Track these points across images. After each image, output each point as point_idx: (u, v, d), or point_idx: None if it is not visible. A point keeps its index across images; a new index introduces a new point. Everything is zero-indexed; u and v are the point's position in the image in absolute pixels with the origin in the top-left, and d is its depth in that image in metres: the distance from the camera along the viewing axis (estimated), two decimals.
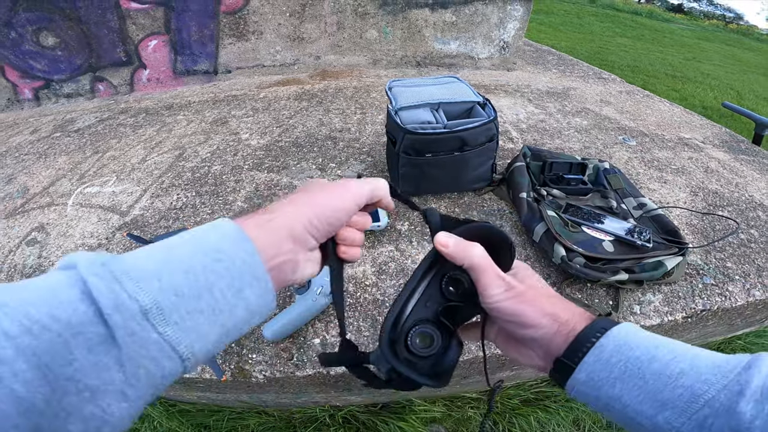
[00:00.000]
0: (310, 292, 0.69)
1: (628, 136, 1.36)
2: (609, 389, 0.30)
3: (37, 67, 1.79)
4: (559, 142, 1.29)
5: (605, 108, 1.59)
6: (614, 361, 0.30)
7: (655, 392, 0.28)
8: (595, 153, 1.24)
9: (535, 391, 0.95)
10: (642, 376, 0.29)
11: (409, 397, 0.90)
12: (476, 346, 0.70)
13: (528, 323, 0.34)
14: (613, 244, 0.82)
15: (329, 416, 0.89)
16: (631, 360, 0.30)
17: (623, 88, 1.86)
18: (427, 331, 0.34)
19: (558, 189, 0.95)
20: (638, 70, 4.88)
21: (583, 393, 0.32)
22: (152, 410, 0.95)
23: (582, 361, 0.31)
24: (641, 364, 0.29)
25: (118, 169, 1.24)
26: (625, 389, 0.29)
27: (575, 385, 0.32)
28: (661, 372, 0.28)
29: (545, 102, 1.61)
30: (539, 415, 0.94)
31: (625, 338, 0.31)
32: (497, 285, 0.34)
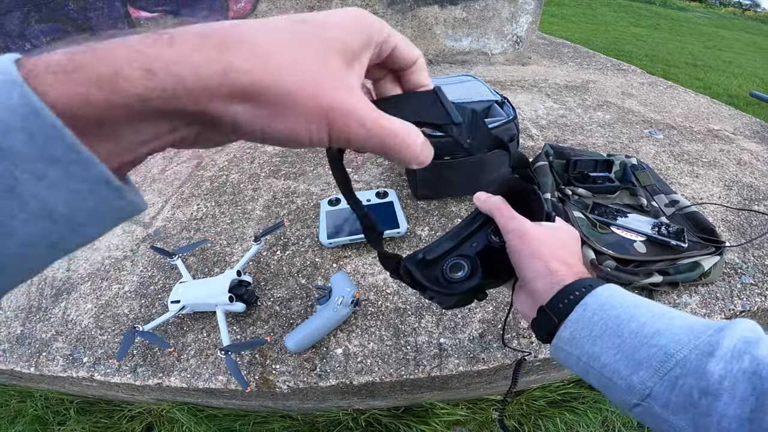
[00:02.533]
0: (331, 303, 0.68)
1: (655, 129, 1.31)
2: (590, 347, 0.30)
3: None
4: (582, 137, 1.25)
5: (628, 101, 1.54)
6: (596, 320, 0.30)
7: (631, 351, 0.28)
8: (620, 148, 1.19)
9: (562, 392, 0.92)
10: (620, 334, 0.29)
11: (431, 400, 0.88)
12: (501, 353, 0.68)
13: (521, 262, 0.36)
14: (645, 244, 0.78)
15: (352, 419, 0.89)
16: (611, 318, 0.30)
17: (645, 79, 1.80)
18: (460, 262, 0.39)
19: (584, 188, 0.92)
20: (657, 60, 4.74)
21: (566, 351, 0.32)
22: (181, 415, 0.96)
23: (567, 319, 0.32)
24: (620, 323, 0.29)
25: (139, 180, 1.25)
26: (604, 347, 0.29)
27: (559, 342, 0.32)
28: (638, 331, 0.29)
29: (564, 96, 1.56)
30: (566, 416, 0.92)
31: (609, 298, 0.31)
32: (510, 225, 0.37)
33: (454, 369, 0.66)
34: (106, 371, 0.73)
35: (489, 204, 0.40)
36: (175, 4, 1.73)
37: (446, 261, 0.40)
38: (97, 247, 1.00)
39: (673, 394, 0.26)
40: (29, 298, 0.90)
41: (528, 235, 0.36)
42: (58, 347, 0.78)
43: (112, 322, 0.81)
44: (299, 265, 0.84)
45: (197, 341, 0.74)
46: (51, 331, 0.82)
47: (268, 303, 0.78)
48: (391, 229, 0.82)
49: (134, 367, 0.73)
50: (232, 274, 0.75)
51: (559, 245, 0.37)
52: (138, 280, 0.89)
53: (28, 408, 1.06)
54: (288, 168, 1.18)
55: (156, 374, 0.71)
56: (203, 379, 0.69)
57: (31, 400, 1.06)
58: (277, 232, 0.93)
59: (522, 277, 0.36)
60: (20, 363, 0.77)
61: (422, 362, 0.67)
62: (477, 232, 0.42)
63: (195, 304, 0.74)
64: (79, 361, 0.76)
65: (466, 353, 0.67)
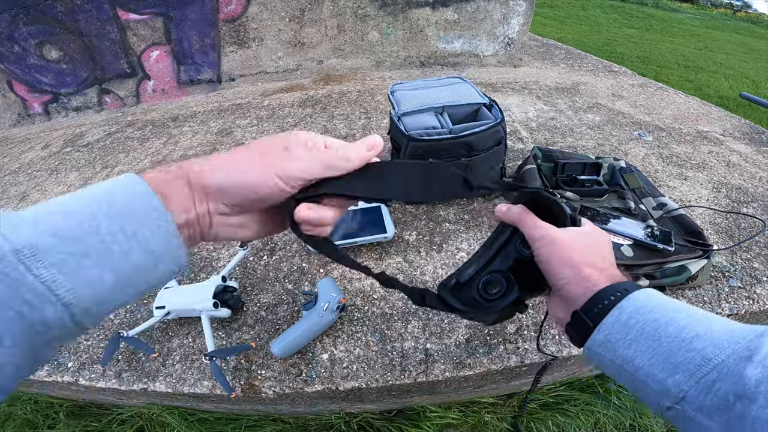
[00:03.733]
0: (317, 308, 0.67)
1: (644, 131, 1.32)
2: (624, 351, 0.30)
3: (43, 80, 1.81)
4: (572, 140, 1.25)
5: (618, 102, 1.54)
6: (632, 323, 0.30)
7: (668, 355, 0.28)
8: (609, 150, 1.19)
9: (554, 395, 0.92)
10: (657, 338, 0.29)
11: (422, 403, 0.88)
12: (488, 358, 0.67)
13: (551, 270, 0.36)
14: (632, 248, 0.78)
15: (344, 423, 0.88)
16: (648, 322, 0.30)
17: (635, 81, 1.81)
18: (495, 279, 0.39)
19: (572, 191, 0.92)
20: (649, 61, 4.77)
21: (599, 355, 0.32)
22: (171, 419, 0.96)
23: (602, 323, 0.32)
24: (658, 326, 0.29)
25: None
26: (639, 351, 0.29)
27: (593, 345, 0.32)
28: (676, 335, 0.28)
29: (555, 98, 1.56)
30: (558, 419, 0.92)
31: (646, 301, 0.31)
32: (536, 233, 0.37)
33: (440, 374, 0.66)
34: (90, 376, 0.72)
35: (511, 215, 0.40)
36: (165, 6, 1.72)
37: (480, 280, 0.40)
38: None
39: (708, 397, 0.26)
40: None
41: (556, 242, 0.36)
42: None
43: (98, 326, 0.79)
44: (286, 270, 0.84)
45: (182, 346, 0.74)
46: None
47: (254, 308, 0.78)
48: (378, 234, 0.81)
49: (119, 372, 0.72)
50: (217, 279, 0.74)
51: (589, 249, 0.36)
52: None
53: (18, 412, 1.05)
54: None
55: (141, 379, 0.70)
56: (189, 384, 0.69)
57: (20, 404, 1.05)
58: (264, 237, 0.92)
59: (554, 284, 0.36)
60: None
61: (408, 368, 0.67)
62: (507, 246, 0.41)
63: (180, 309, 0.73)
64: (63, 365, 0.75)
65: (452, 359, 0.67)
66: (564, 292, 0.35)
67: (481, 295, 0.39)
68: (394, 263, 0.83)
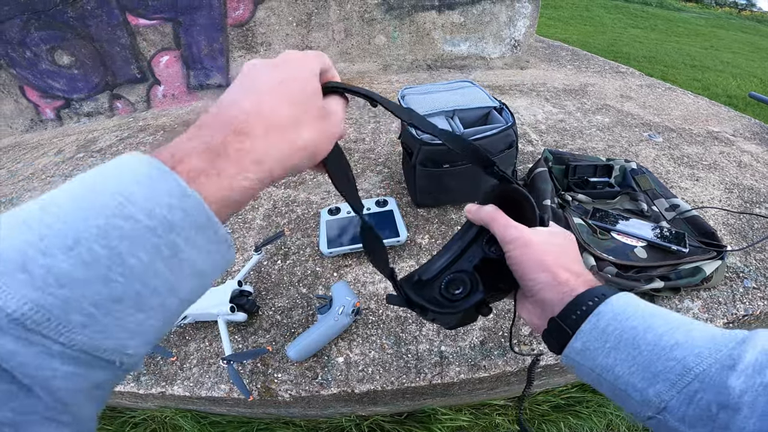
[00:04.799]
0: (332, 312, 0.68)
1: (654, 132, 1.31)
2: (603, 359, 0.29)
3: (55, 86, 1.83)
4: (581, 142, 1.25)
5: (626, 103, 1.54)
6: (610, 330, 0.29)
7: (647, 364, 0.27)
8: (620, 152, 1.19)
9: (566, 396, 0.92)
10: (636, 346, 0.28)
11: (434, 405, 0.88)
12: (503, 360, 0.68)
13: (525, 274, 0.34)
14: (645, 250, 0.78)
15: (355, 425, 0.88)
16: (626, 330, 0.29)
17: (643, 81, 1.80)
18: (458, 278, 0.38)
19: (584, 194, 0.92)
20: (656, 61, 4.74)
21: (577, 362, 0.31)
22: (184, 422, 0.97)
23: (579, 329, 0.30)
24: (636, 334, 0.28)
25: None
26: (618, 359, 0.28)
27: (571, 353, 0.31)
28: (655, 343, 0.28)
29: (563, 100, 1.56)
30: (570, 420, 0.91)
31: (624, 307, 0.30)
32: (509, 234, 0.35)
33: (455, 377, 0.66)
34: None
35: (482, 214, 0.38)
36: (174, 12, 1.74)
37: (443, 278, 0.38)
38: None
39: (690, 408, 0.25)
40: None
41: (529, 244, 0.34)
42: None
43: None
44: (300, 275, 0.85)
45: (200, 350, 0.74)
46: None
47: (269, 312, 0.78)
48: (391, 237, 0.82)
49: (137, 375, 0.73)
50: (233, 284, 0.75)
51: (562, 252, 0.36)
52: None
53: None
54: (288, 177, 1.18)
55: (159, 383, 0.71)
56: (206, 387, 0.69)
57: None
58: (278, 242, 0.93)
59: (528, 288, 0.35)
60: None
61: (423, 370, 0.67)
62: (472, 245, 0.40)
63: (197, 314, 0.74)
64: None
65: (467, 361, 0.67)
66: (539, 296, 0.34)
67: (443, 294, 0.37)
68: (407, 266, 0.83)
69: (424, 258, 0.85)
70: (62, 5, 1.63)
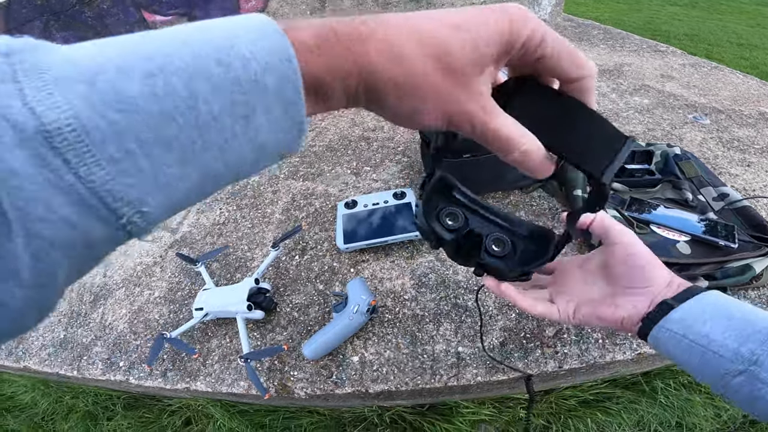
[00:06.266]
0: (347, 310, 0.66)
1: (700, 113, 1.20)
2: (700, 327, 0.35)
3: None
4: (617, 125, 1.16)
5: (668, 84, 1.41)
6: (708, 308, 0.36)
7: (740, 329, 0.34)
8: (661, 136, 1.10)
9: (595, 392, 0.87)
10: (730, 316, 0.35)
11: (455, 399, 0.86)
12: (523, 363, 0.64)
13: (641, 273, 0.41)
14: (689, 245, 0.71)
15: (377, 416, 0.89)
16: (721, 307, 0.36)
17: (686, 60, 1.65)
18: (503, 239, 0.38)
19: (619, 182, 0.85)
20: (698, 39, 4.38)
21: (671, 332, 0.37)
22: (215, 411, 1.01)
23: (680, 306, 0.37)
24: (730, 309, 0.36)
25: None
26: (714, 326, 0.35)
27: (666, 324, 0.37)
28: (745, 315, 0.35)
29: (596, 81, 1.46)
30: (598, 417, 0.87)
31: (718, 295, 0.38)
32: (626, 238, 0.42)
33: (471, 379, 0.63)
34: (139, 375, 0.76)
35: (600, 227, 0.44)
36: (188, 6, 1.76)
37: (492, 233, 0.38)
38: (130, 253, 1.04)
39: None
40: (71, 304, 0.95)
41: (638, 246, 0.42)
42: (97, 351, 0.83)
43: (144, 327, 0.84)
44: (317, 270, 0.84)
45: (221, 347, 0.76)
46: (90, 335, 0.86)
47: (286, 309, 0.78)
48: (410, 232, 0.79)
49: (164, 371, 0.75)
50: (250, 282, 0.75)
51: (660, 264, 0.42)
52: (167, 286, 0.91)
53: (80, 404, 1.14)
54: (306, 168, 1.17)
55: (184, 378, 0.73)
56: (226, 384, 0.70)
57: (82, 397, 1.14)
58: (296, 236, 0.92)
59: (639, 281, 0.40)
60: (64, 366, 0.82)
61: (439, 371, 0.64)
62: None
63: (217, 311, 0.75)
64: (116, 365, 0.79)
65: (485, 362, 0.64)
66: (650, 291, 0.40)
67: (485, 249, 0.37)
68: (426, 262, 0.80)
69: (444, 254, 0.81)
70: (79, 5, 1.67)
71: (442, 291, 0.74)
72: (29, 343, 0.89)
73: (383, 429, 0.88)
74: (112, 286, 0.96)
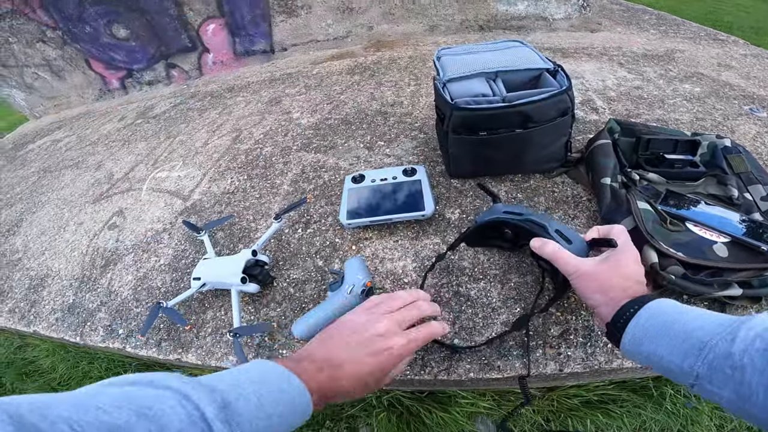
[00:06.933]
0: (341, 291, 0.62)
1: (758, 105, 1.07)
2: (648, 345, 0.39)
3: (117, 57, 1.93)
4: (661, 112, 1.05)
5: (725, 73, 1.27)
6: (648, 326, 0.40)
7: (679, 345, 0.36)
8: (711, 126, 0.98)
9: (600, 393, 0.82)
10: (669, 334, 0.38)
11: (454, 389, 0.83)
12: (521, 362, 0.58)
13: (585, 297, 0.49)
14: (727, 247, 0.62)
15: (375, 398, 0.87)
16: (660, 324, 0.39)
17: (748, 50, 1.47)
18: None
19: (656, 172, 0.76)
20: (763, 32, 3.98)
21: (630, 351, 0.42)
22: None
23: (626, 328, 0.42)
24: (669, 326, 0.38)
25: (184, 154, 1.28)
26: (659, 345, 0.38)
27: (624, 345, 0.42)
28: (682, 330, 0.37)
29: (641, 66, 1.33)
30: (599, 418, 0.82)
31: (657, 309, 0.41)
32: (570, 269, 0.50)
33: (463, 374, 0.58)
34: (135, 344, 0.76)
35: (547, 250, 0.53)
36: None
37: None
38: (143, 218, 1.05)
39: (712, 373, 0.34)
40: (83, 267, 0.96)
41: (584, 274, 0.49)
42: (100, 318, 0.82)
43: (147, 294, 0.83)
44: (318, 245, 0.80)
45: (215, 319, 0.74)
46: (97, 301, 0.86)
47: (283, 284, 0.75)
48: (415, 211, 0.74)
49: (159, 341, 0.74)
50: (247, 254, 0.73)
51: (607, 276, 0.47)
52: (172, 254, 0.90)
53: (94, 370, 1.15)
54: (319, 141, 1.13)
55: (176, 350, 0.72)
56: (216, 357, 0.69)
57: (97, 362, 1.15)
58: (301, 209, 0.89)
59: (590, 305, 0.50)
60: (69, 332, 0.83)
61: (430, 363, 0.60)
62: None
63: (214, 282, 0.73)
64: (115, 332, 0.79)
65: (479, 358, 0.59)
66: (597, 311, 0.48)
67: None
68: (431, 244, 0.75)
69: (451, 235, 0.76)
70: None
71: (444, 277, 0.69)
72: (40, 307, 0.91)
73: (381, 411, 0.86)
74: (122, 251, 0.97)
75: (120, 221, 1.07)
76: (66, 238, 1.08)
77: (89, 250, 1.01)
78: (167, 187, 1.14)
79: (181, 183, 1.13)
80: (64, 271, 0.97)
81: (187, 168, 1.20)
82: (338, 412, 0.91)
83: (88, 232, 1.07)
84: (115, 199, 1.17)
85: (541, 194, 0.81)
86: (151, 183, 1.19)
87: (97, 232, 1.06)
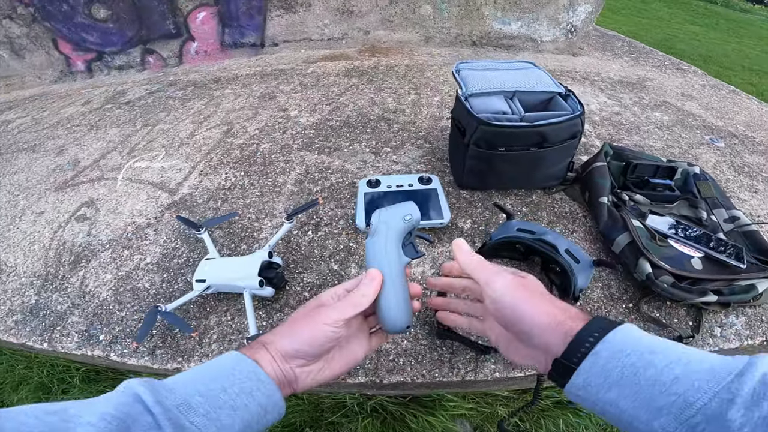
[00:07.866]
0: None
1: (716, 136, 1.21)
2: (605, 394, 0.31)
3: (89, 39, 1.79)
4: (638, 138, 1.16)
5: (688, 103, 1.42)
6: (610, 367, 0.31)
7: (650, 399, 0.29)
8: (679, 153, 1.10)
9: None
10: (637, 382, 0.29)
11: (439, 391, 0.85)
12: None
13: (525, 317, 0.37)
14: (702, 261, 0.72)
15: (358, 404, 0.86)
16: (627, 366, 0.30)
17: (706, 81, 1.66)
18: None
19: (642, 194, 0.84)
20: (711, 61, 4.46)
21: (580, 397, 0.33)
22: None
23: (579, 367, 0.32)
24: (636, 371, 0.30)
25: (167, 144, 1.21)
26: (621, 395, 0.30)
27: (572, 389, 0.33)
28: (656, 379, 0.29)
29: (619, 92, 1.45)
30: (569, 418, 0.89)
31: (622, 344, 0.31)
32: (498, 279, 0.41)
33: (489, 374, 0.62)
34: (122, 351, 0.68)
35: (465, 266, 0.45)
36: None
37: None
38: (120, 211, 0.96)
39: None
40: (46, 263, 0.85)
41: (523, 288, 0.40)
42: (73, 322, 0.73)
43: (132, 296, 0.76)
44: (332, 249, 0.80)
45: (220, 325, 0.69)
46: (67, 302, 0.76)
47: (297, 288, 0.74)
48: (435, 219, 0.76)
49: (153, 348, 0.67)
50: (263, 254, 0.70)
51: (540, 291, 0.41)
52: (161, 252, 0.84)
53: (34, 375, 1.02)
54: (322, 142, 1.13)
55: (175, 358, 0.66)
56: None
57: (37, 367, 1.02)
58: (310, 211, 0.88)
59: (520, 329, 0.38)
60: (33, 337, 0.72)
61: (457, 365, 0.63)
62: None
63: (221, 284, 0.69)
64: (95, 338, 0.70)
65: (504, 358, 0.63)
66: (541, 341, 0.36)
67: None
68: (447, 251, 0.78)
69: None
70: None
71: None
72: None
73: (363, 417, 0.85)
74: (96, 246, 0.87)
75: (91, 213, 0.97)
76: (23, 229, 0.95)
77: (53, 243, 0.90)
78: (149, 178, 1.07)
79: (166, 175, 1.07)
80: (21, 267, 0.85)
81: (171, 159, 1.14)
82: (318, 419, 0.89)
83: (51, 223, 0.96)
84: (84, 188, 1.06)
85: (543, 209, 0.87)
86: (128, 173, 1.10)
87: (62, 224, 0.95)
